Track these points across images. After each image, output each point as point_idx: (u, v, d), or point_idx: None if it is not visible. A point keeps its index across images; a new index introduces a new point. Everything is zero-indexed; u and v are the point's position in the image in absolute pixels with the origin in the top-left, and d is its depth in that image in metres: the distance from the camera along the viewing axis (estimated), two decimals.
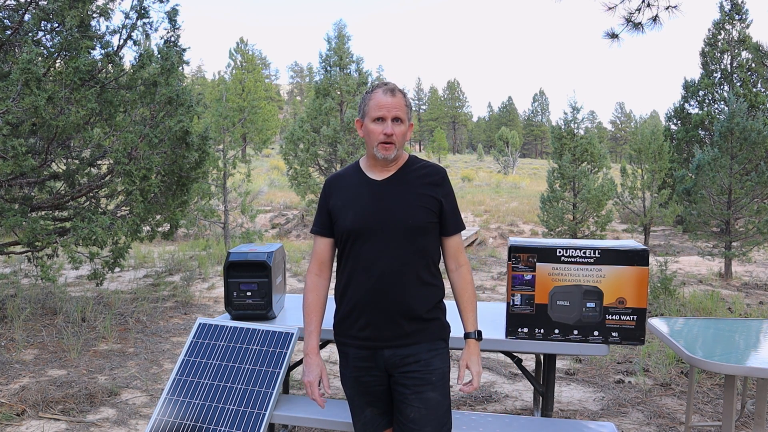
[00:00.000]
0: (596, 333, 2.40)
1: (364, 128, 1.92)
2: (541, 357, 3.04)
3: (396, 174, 1.95)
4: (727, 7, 15.65)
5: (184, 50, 5.90)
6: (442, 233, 1.98)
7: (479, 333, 1.98)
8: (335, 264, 2.02)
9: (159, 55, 5.64)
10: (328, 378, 2.07)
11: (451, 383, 4.08)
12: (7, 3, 5.30)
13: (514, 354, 2.68)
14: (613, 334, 2.39)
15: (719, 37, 15.84)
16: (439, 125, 79.06)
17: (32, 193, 5.68)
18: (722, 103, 15.74)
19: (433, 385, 1.87)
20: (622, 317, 2.37)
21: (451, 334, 2.51)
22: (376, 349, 1.90)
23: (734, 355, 2.34)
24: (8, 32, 5.13)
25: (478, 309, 3.04)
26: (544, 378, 2.69)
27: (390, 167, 1.96)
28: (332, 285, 6.04)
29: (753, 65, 15.21)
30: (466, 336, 1.96)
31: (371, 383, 1.94)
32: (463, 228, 2.03)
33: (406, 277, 1.87)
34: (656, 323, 2.87)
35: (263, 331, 2.62)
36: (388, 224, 1.87)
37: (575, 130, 14.15)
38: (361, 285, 1.89)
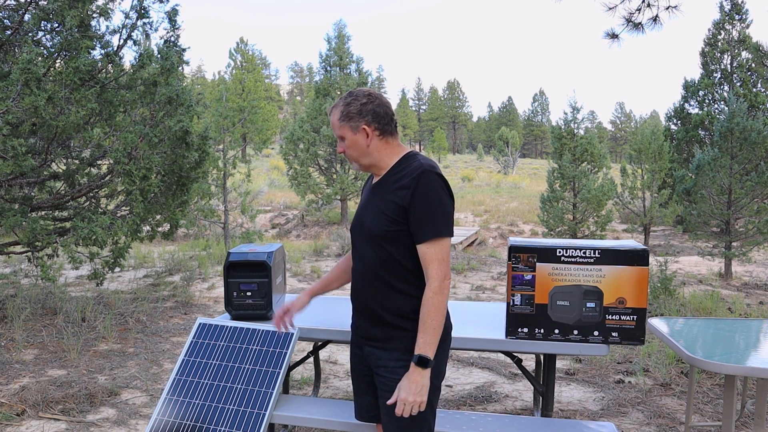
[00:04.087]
0: (596, 333, 2.40)
1: None
2: (541, 357, 3.04)
3: (381, 179, 1.93)
4: (727, 7, 15.66)
5: (184, 50, 5.90)
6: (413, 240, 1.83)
7: (422, 359, 1.73)
8: None
9: (159, 55, 5.64)
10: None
11: (448, 383, 4.08)
12: (7, 3, 5.30)
13: (514, 354, 2.68)
14: (613, 334, 2.39)
15: (719, 37, 15.84)
16: (439, 125, 79.06)
17: (32, 193, 5.68)
18: (722, 103, 15.75)
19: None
20: (622, 317, 2.37)
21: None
22: (362, 343, 2.01)
23: (734, 355, 2.34)
24: (8, 32, 5.13)
25: (480, 309, 3.04)
26: (544, 378, 2.69)
27: (379, 171, 1.95)
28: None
29: (753, 65, 15.22)
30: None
31: (363, 371, 2.03)
32: (440, 235, 1.78)
33: (376, 282, 1.89)
34: (656, 323, 2.87)
35: (263, 331, 2.62)
36: (359, 231, 1.94)
37: (575, 130, 14.16)
38: (351, 285, 2.03)
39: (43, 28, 5.20)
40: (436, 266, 1.78)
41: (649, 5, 5.39)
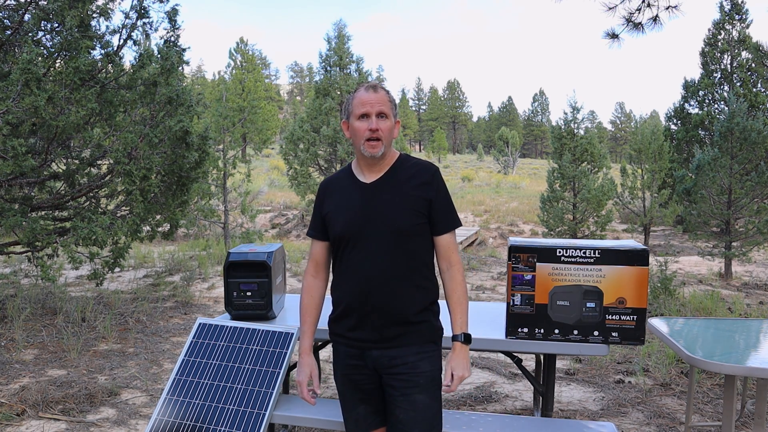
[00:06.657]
0: (596, 333, 2.40)
1: (350, 128, 1.93)
2: (541, 357, 3.04)
3: (385, 175, 1.94)
4: (727, 7, 15.65)
5: (184, 50, 5.89)
6: (432, 232, 1.95)
7: (466, 336, 1.92)
8: (332, 264, 2.04)
9: (159, 55, 5.64)
10: (321, 377, 2.13)
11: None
12: (7, 3, 5.30)
13: (514, 354, 2.68)
14: (613, 334, 2.39)
15: (719, 37, 15.83)
16: (439, 125, 79.02)
17: (32, 193, 5.68)
18: (722, 103, 15.74)
19: (420, 388, 1.86)
20: (622, 317, 2.37)
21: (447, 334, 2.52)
22: (364, 349, 1.91)
23: (734, 355, 2.34)
24: (8, 32, 5.13)
25: (480, 309, 3.04)
26: (544, 378, 2.69)
27: (380, 168, 1.95)
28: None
29: (753, 65, 15.21)
30: (453, 338, 1.93)
31: (362, 381, 1.95)
32: (457, 225, 1.98)
33: (395, 280, 1.86)
34: (656, 323, 2.87)
35: (263, 331, 2.62)
36: (376, 228, 1.87)
37: (575, 130, 14.15)
38: (350, 287, 1.90)
39: (43, 28, 5.20)
40: (456, 253, 1.97)
41: (649, 5, 5.39)
